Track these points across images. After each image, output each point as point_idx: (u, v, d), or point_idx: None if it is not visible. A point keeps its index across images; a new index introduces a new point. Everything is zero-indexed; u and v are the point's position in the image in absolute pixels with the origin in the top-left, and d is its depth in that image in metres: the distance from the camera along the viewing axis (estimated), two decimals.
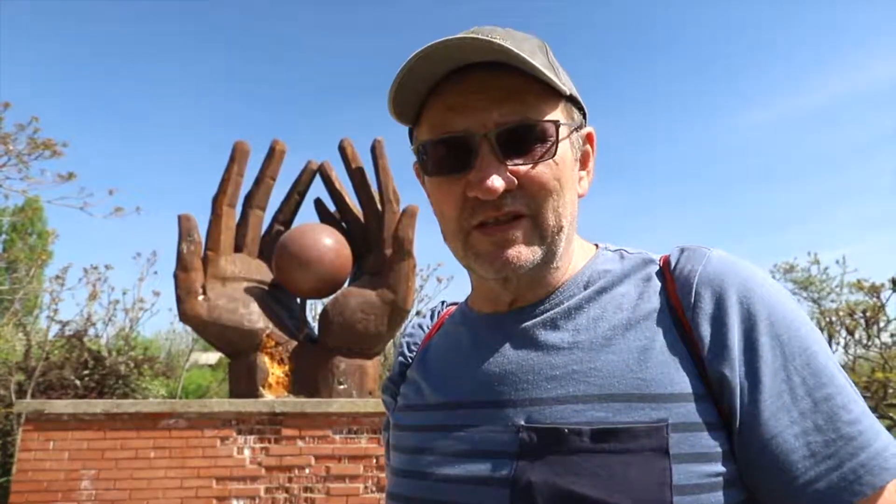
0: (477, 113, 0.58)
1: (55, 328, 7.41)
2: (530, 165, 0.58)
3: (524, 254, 0.59)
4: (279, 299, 4.51)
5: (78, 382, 6.54)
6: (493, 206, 0.58)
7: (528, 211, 0.59)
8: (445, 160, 0.60)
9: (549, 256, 0.61)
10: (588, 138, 0.68)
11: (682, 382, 0.54)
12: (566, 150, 0.61)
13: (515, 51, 0.55)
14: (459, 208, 0.60)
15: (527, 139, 0.58)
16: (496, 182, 0.56)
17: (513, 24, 0.64)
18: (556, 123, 0.59)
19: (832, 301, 10.73)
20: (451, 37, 0.56)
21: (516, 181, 0.58)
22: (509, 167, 0.58)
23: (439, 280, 9.67)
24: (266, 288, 4.45)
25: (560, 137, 0.60)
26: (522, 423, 0.56)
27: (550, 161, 0.59)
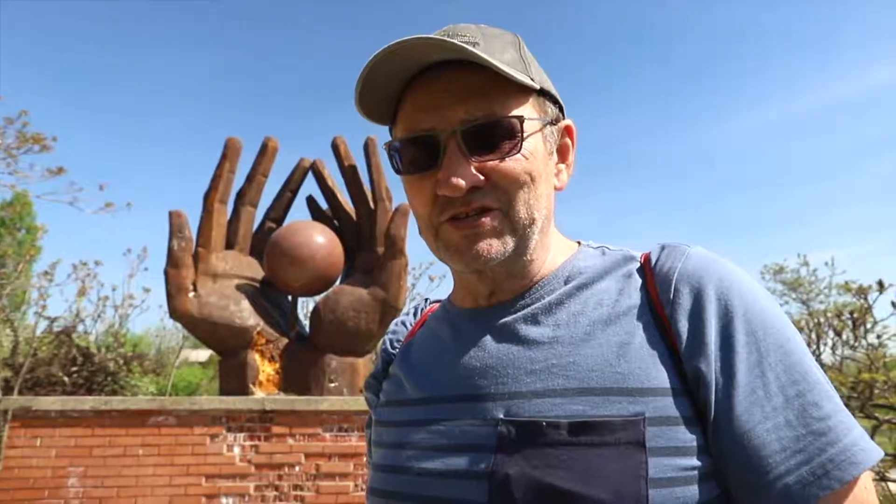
0: (443, 111, 0.59)
1: (43, 324, 7.35)
2: (498, 160, 0.59)
3: (494, 246, 0.59)
4: (270, 297, 4.49)
5: (66, 379, 6.49)
6: (461, 202, 0.59)
7: (498, 204, 0.60)
8: (414, 159, 0.61)
9: (521, 248, 0.62)
10: (567, 131, 0.68)
11: (659, 377, 0.55)
12: (537, 143, 0.62)
13: (471, 49, 0.56)
14: (430, 205, 0.61)
15: (492, 135, 0.59)
16: (461, 180, 0.57)
17: (503, 22, 0.65)
18: (521, 119, 0.60)
19: (821, 302, 10.84)
20: (410, 37, 0.57)
21: (483, 177, 0.59)
22: (477, 163, 0.59)
23: (431, 278, 9.68)
24: (257, 285, 4.43)
25: (526, 133, 0.60)
26: (501, 416, 0.57)
27: (519, 156, 0.60)
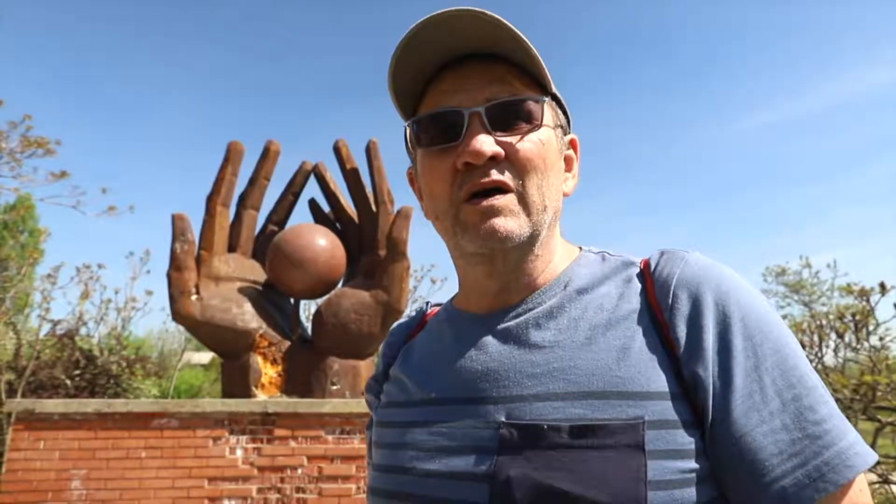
0: (468, 91, 0.62)
1: (46, 327, 7.35)
2: (517, 138, 0.61)
3: (510, 223, 0.61)
4: (273, 299, 4.50)
5: (69, 382, 6.50)
6: (480, 174, 0.60)
7: (514, 185, 0.61)
8: (436, 133, 0.63)
9: (533, 236, 0.63)
10: (572, 144, 0.71)
11: (658, 381, 0.55)
12: (552, 137, 0.65)
13: (510, 26, 0.59)
14: (450, 183, 0.62)
15: (514, 115, 0.62)
16: (484, 146, 0.59)
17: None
18: (541, 102, 0.63)
19: (823, 304, 10.82)
20: (450, 8, 0.59)
21: (503, 153, 0.61)
22: (498, 138, 0.61)
23: (433, 281, 9.69)
24: (259, 288, 4.44)
25: (545, 119, 0.63)
26: (503, 419, 0.57)
27: (536, 139, 0.62)
